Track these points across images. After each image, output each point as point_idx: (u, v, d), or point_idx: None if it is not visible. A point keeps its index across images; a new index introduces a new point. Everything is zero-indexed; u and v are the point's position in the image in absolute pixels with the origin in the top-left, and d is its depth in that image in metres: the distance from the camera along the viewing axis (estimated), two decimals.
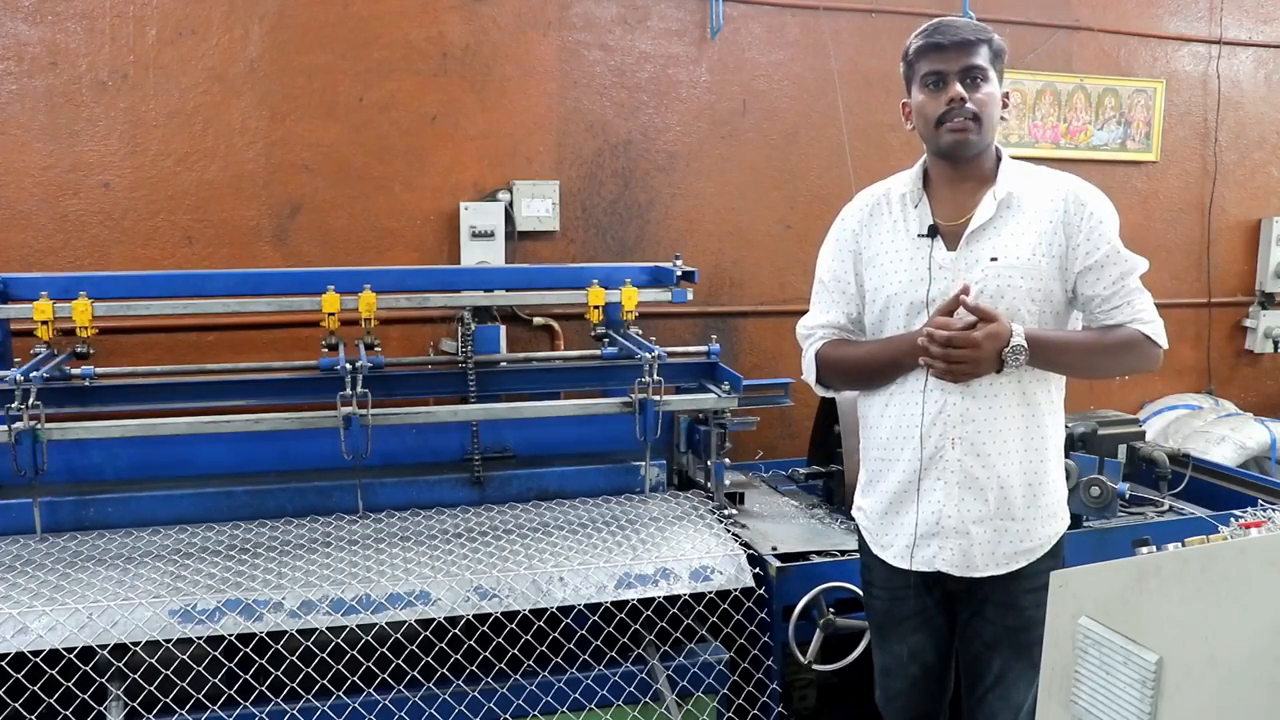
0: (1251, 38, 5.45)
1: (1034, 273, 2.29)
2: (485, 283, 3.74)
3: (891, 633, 2.52)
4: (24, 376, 2.92)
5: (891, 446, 2.41)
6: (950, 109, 2.27)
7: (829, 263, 2.51)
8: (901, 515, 2.40)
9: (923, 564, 2.38)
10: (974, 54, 2.28)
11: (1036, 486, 2.36)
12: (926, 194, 2.40)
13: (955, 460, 2.32)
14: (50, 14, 3.79)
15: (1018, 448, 2.32)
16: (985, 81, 2.29)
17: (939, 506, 2.34)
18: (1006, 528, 2.34)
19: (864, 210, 2.48)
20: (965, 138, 2.28)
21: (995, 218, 2.32)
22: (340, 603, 2.73)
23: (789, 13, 4.64)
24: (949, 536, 2.34)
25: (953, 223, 2.34)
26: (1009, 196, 2.32)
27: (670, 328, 4.37)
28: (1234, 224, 5.53)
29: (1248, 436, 4.79)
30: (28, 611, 2.60)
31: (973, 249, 2.31)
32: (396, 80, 4.17)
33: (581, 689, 2.91)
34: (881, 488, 2.45)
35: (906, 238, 2.38)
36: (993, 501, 2.32)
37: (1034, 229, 2.31)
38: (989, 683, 2.43)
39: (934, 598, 2.45)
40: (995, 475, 2.32)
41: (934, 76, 2.29)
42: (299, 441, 3.26)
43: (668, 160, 4.55)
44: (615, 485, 3.50)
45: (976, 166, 2.36)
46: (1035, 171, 2.40)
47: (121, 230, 3.93)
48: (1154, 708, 1.76)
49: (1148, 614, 1.81)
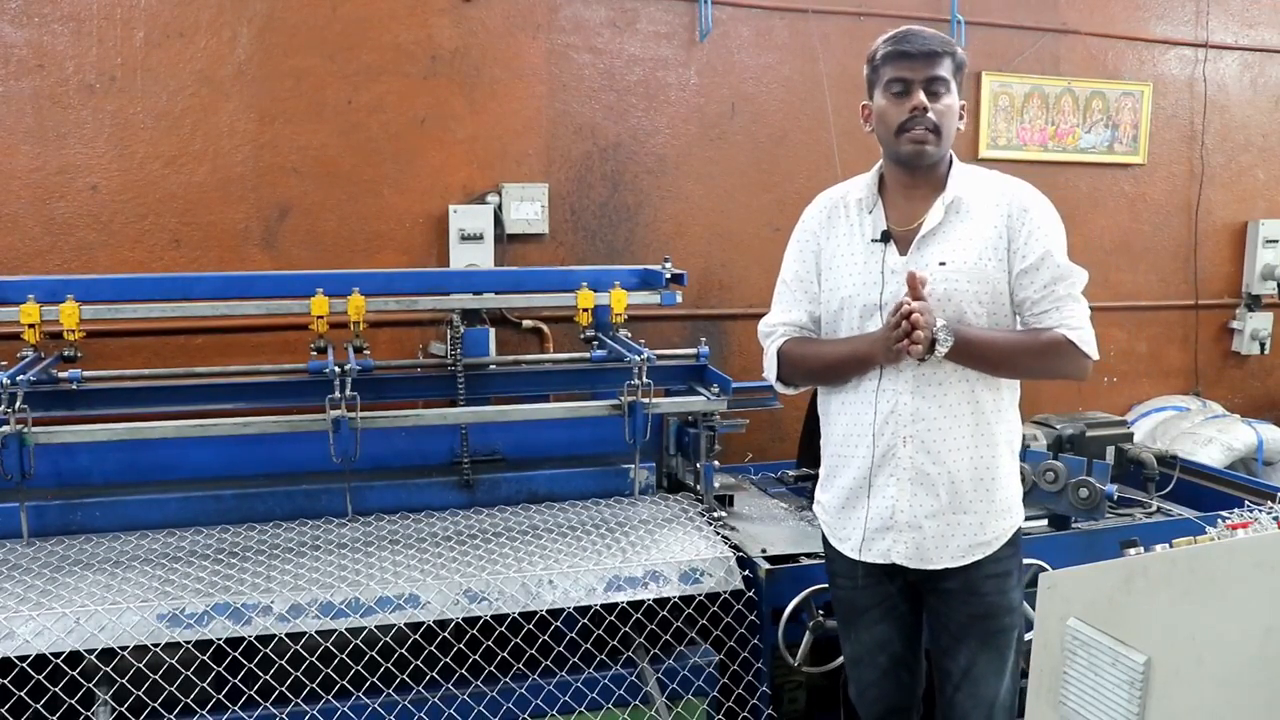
0: (1237, 41, 5.48)
1: (980, 276, 2.36)
2: (474, 285, 3.73)
3: (857, 621, 2.59)
4: (11, 380, 2.91)
5: (846, 443, 2.49)
6: (912, 117, 2.33)
7: (792, 263, 2.60)
8: (857, 509, 2.48)
9: (878, 556, 2.46)
10: (938, 65, 2.35)
11: (988, 482, 2.42)
12: (881, 199, 2.47)
13: (907, 457, 2.40)
14: (37, 16, 3.78)
15: (967, 444, 2.40)
16: (947, 93, 2.36)
17: (892, 501, 2.42)
18: (959, 521, 2.42)
19: (822, 212, 2.56)
20: (924, 148, 2.35)
21: (944, 223, 2.39)
22: (329, 606, 2.73)
23: (777, 16, 4.66)
24: (903, 530, 2.42)
25: (905, 228, 2.42)
26: (956, 201, 2.40)
27: (659, 330, 4.37)
28: (1220, 226, 5.56)
29: (1235, 438, 4.82)
30: (14, 616, 2.59)
31: (923, 254, 2.38)
32: (385, 83, 4.16)
33: (571, 692, 2.90)
34: (838, 483, 2.52)
35: (861, 242, 2.46)
36: (944, 496, 2.40)
37: (980, 234, 2.38)
38: (957, 679, 2.49)
39: (895, 585, 2.52)
40: (946, 471, 2.39)
41: (899, 84, 2.35)
42: (287, 445, 3.25)
43: (657, 163, 4.56)
44: (604, 488, 3.50)
45: (931, 174, 2.42)
46: (984, 176, 2.47)
47: (109, 233, 3.92)
48: (1142, 708, 1.77)
49: (1136, 615, 1.81)
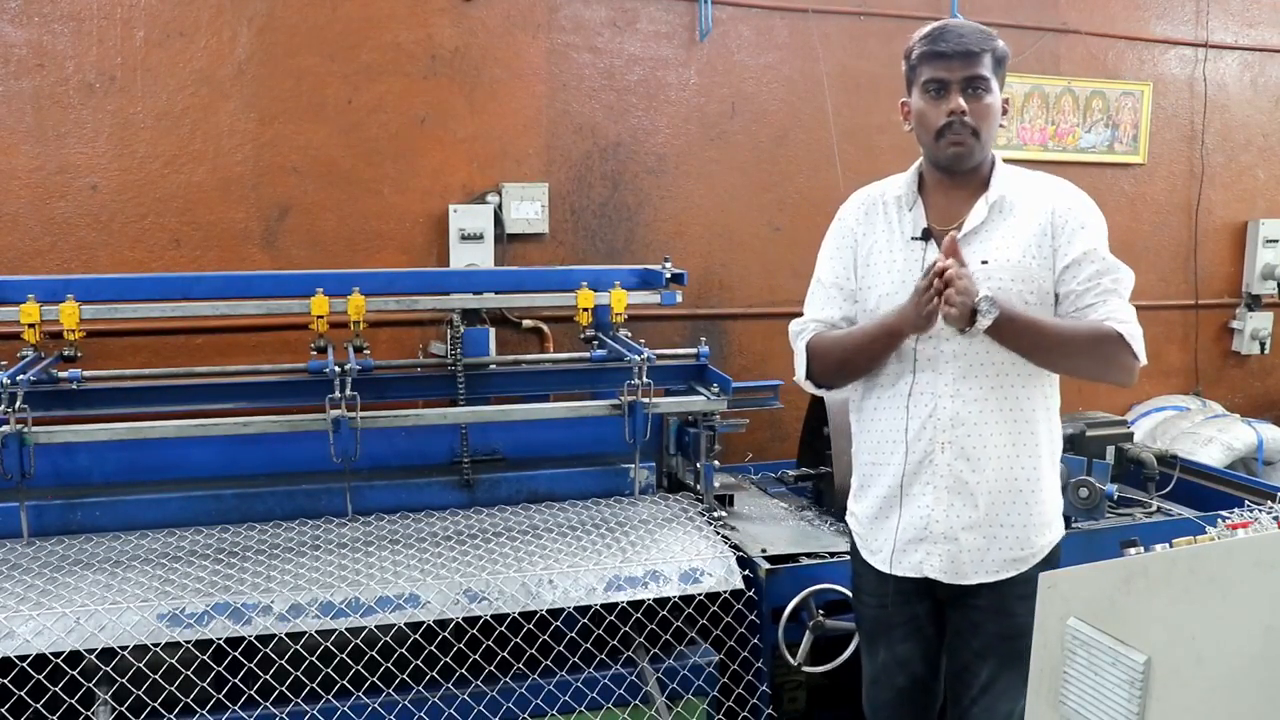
0: (1237, 41, 5.48)
1: (1024, 275, 2.27)
2: (474, 285, 3.73)
3: (879, 641, 2.49)
4: (11, 380, 2.92)
5: (881, 450, 2.40)
6: (950, 121, 2.25)
7: (827, 262, 2.49)
8: (891, 520, 2.38)
9: (910, 569, 2.36)
10: (977, 64, 2.25)
11: (1028, 494, 2.32)
12: (921, 197, 2.39)
13: (945, 464, 2.30)
14: (37, 15, 3.78)
15: (1008, 453, 2.29)
16: (987, 92, 2.27)
17: (928, 511, 2.32)
18: (996, 534, 2.31)
19: (860, 209, 2.47)
20: (963, 151, 2.27)
21: (987, 221, 2.31)
22: (329, 606, 2.73)
23: (778, 15, 4.65)
24: (937, 542, 2.32)
25: (946, 227, 2.33)
26: (1000, 200, 2.32)
27: (659, 330, 4.37)
28: (1220, 226, 5.56)
29: (1235, 438, 4.81)
30: (14, 616, 2.59)
31: (964, 252, 2.25)
32: (385, 82, 4.16)
33: (571, 692, 2.90)
34: (873, 492, 2.42)
35: (900, 239, 2.38)
36: (982, 507, 2.30)
37: (1025, 232, 2.30)
38: (975, 692, 2.38)
39: (924, 606, 2.42)
40: (985, 480, 2.29)
41: (935, 85, 2.26)
42: (288, 444, 3.25)
43: (657, 162, 4.56)
44: (604, 488, 3.50)
45: (973, 173, 2.35)
46: (1028, 176, 2.39)
47: (109, 233, 3.92)
48: (1142, 708, 1.77)
49: (1136, 615, 1.81)
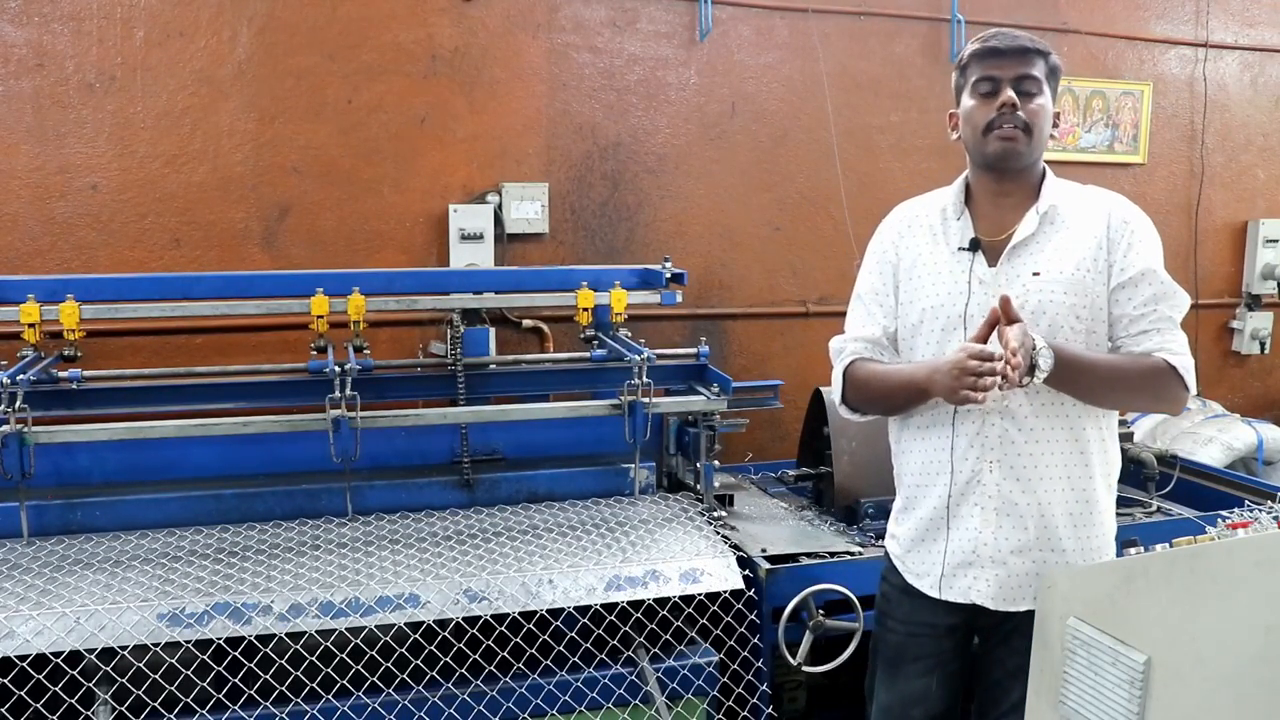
0: (1237, 41, 5.48)
1: (1078, 288, 2.18)
2: (474, 285, 3.73)
3: (900, 671, 2.40)
4: (11, 379, 2.91)
5: (927, 471, 2.30)
6: (1001, 115, 2.17)
7: (867, 276, 2.42)
8: (938, 543, 2.29)
9: (958, 595, 2.27)
10: (1030, 64, 2.19)
11: (1079, 517, 2.23)
12: (968, 208, 2.31)
13: (994, 484, 2.20)
14: (37, 15, 3.78)
15: (1061, 474, 2.20)
16: (1040, 94, 2.20)
17: (976, 534, 2.22)
18: (1046, 559, 2.21)
19: (901, 222, 2.40)
20: (1014, 146, 2.18)
21: (1038, 232, 2.22)
22: (329, 606, 2.73)
23: (778, 15, 4.65)
24: (985, 566, 2.23)
25: (994, 238, 2.25)
26: (1052, 210, 2.24)
27: (659, 330, 4.37)
28: (1221, 226, 5.56)
29: (1235, 437, 4.80)
30: (14, 616, 2.59)
31: (1014, 264, 2.21)
32: (385, 82, 4.16)
33: (571, 691, 2.90)
34: (917, 514, 2.33)
35: (946, 250, 2.29)
36: (1033, 530, 2.20)
37: (1078, 244, 2.21)
38: (1005, 709, 2.30)
39: (954, 640, 2.34)
40: (1036, 502, 2.19)
41: (987, 82, 2.20)
42: (288, 444, 3.25)
43: (657, 162, 4.56)
44: (604, 487, 3.49)
45: (1021, 181, 2.26)
46: (1080, 188, 2.31)
47: (109, 232, 3.92)
48: (1142, 707, 1.77)
49: (1136, 614, 1.81)
